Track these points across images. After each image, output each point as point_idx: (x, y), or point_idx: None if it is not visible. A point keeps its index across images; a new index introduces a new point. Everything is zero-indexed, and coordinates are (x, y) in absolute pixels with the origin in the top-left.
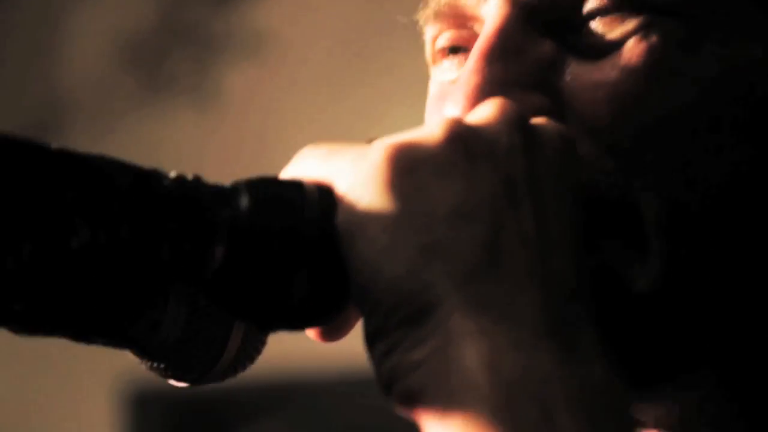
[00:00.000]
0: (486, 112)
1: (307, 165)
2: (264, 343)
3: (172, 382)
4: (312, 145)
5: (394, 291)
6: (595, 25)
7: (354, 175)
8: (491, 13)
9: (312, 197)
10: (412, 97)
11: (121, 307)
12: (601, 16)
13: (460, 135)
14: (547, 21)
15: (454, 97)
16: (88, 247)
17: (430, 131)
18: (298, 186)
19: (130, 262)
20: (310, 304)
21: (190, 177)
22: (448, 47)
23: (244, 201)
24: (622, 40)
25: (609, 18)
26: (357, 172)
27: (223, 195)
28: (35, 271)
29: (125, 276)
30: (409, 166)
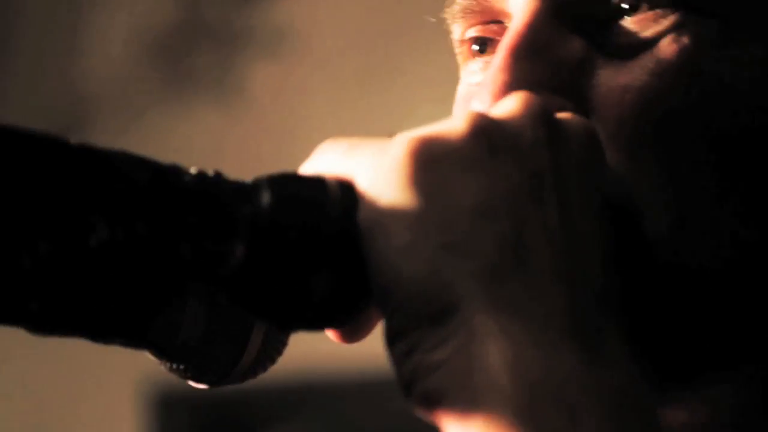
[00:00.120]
0: (510, 106)
1: (327, 160)
2: (285, 343)
3: (191, 384)
4: (332, 139)
5: (416, 290)
6: (626, 24)
7: (375, 170)
8: (519, 8)
9: (334, 194)
10: (435, 93)
11: (140, 307)
12: (633, 14)
13: (484, 128)
14: (576, 16)
15: (481, 95)
16: (107, 244)
17: (453, 125)
18: (320, 183)
19: (149, 259)
20: (330, 304)
21: (211, 173)
22: (476, 39)
23: (265, 198)
24: (653, 40)
25: (641, 16)
26: (378, 167)
27: (244, 191)
28: (52, 269)
29: (144, 274)
30: (431, 161)
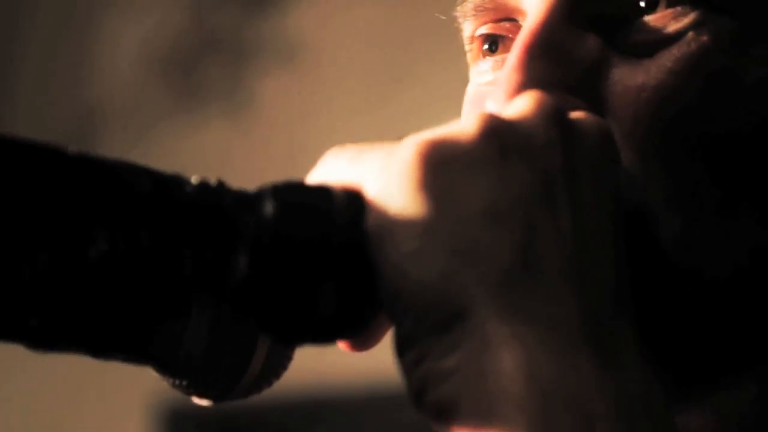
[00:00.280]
0: (522, 106)
1: (334, 168)
2: (290, 358)
3: (195, 400)
4: (339, 147)
5: (425, 296)
6: (643, 22)
7: (383, 174)
8: (534, 6)
9: (340, 202)
10: (447, 106)
11: (142, 320)
12: (651, 12)
13: (495, 130)
14: (592, 15)
15: (495, 94)
16: (107, 256)
17: (464, 126)
18: (325, 191)
19: (150, 272)
20: (337, 316)
21: (214, 182)
22: (487, 36)
23: (269, 207)
24: (672, 38)
25: (660, 14)
26: (386, 171)
27: (248, 201)
28: (52, 282)
29: (145, 287)
30: (440, 163)
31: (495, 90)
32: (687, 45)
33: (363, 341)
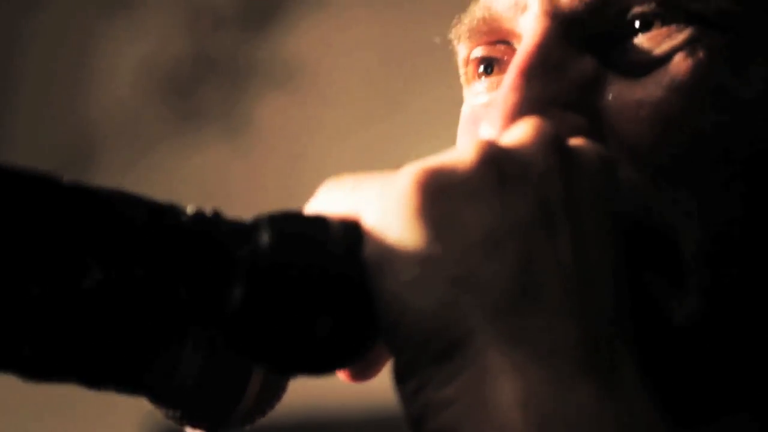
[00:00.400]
0: (521, 133)
1: (332, 198)
2: (285, 388)
3: (188, 430)
4: (336, 177)
5: (425, 325)
6: (639, 40)
7: (381, 203)
8: (530, 27)
9: (336, 232)
10: (444, 127)
11: (135, 351)
12: (646, 30)
13: (493, 157)
14: (587, 35)
15: (491, 116)
16: (100, 287)
17: (462, 154)
18: (321, 221)
19: (145, 303)
20: (333, 347)
21: (209, 212)
22: (483, 58)
23: (264, 238)
24: (667, 55)
25: (654, 32)
26: (384, 200)
27: (243, 231)
28: (45, 312)
29: (139, 318)
30: (439, 192)
31: (491, 111)
32: (683, 61)
33: (362, 371)
